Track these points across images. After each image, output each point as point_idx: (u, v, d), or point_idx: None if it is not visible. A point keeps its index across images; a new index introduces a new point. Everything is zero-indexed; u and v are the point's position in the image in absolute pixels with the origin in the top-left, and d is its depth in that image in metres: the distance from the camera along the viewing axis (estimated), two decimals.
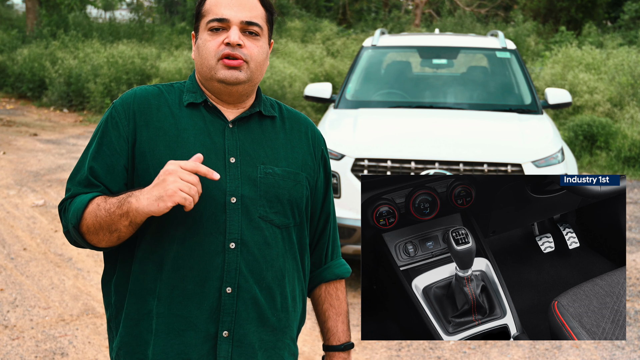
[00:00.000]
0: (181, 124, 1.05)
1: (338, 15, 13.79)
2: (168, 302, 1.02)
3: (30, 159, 5.70)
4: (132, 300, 1.04)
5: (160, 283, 1.02)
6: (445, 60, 4.47)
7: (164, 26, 12.22)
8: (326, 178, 1.16)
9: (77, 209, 1.01)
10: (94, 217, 0.99)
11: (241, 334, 1.04)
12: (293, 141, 1.11)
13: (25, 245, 3.64)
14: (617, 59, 8.02)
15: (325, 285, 1.18)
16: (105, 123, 1.06)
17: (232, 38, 1.03)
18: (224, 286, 1.02)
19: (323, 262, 1.18)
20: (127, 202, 0.97)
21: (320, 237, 1.17)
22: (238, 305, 1.03)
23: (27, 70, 8.91)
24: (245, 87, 1.06)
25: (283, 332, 1.09)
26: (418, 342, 2.69)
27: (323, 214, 1.16)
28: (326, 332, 1.18)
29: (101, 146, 1.05)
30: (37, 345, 2.57)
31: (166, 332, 1.02)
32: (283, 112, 1.14)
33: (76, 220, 1.01)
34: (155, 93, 1.08)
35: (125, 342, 1.05)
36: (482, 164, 3.04)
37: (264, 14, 1.08)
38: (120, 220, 0.97)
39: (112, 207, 0.98)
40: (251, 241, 1.04)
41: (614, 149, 6.00)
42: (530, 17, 12.42)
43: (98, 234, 1.00)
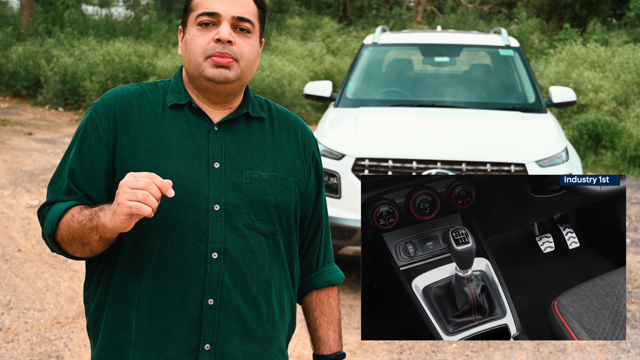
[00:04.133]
0: (164, 127, 1.01)
1: (338, 12, 13.73)
2: (148, 313, 0.99)
3: (25, 159, 5.62)
4: (112, 309, 1.01)
5: (140, 293, 0.99)
6: (448, 58, 4.45)
7: (161, 23, 12.01)
8: (317, 181, 1.12)
9: (53, 217, 0.99)
10: (67, 228, 0.97)
11: (223, 347, 1.00)
12: (282, 144, 1.07)
13: (20, 247, 3.58)
14: (622, 56, 7.97)
15: (317, 292, 1.14)
16: (85, 125, 1.03)
17: (222, 34, 0.98)
18: (206, 298, 0.99)
19: (314, 268, 1.14)
20: (97, 215, 0.94)
21: (312, 243, 1.13)
22: (220, 317, 1.00)
23: (21, 69, 8.75)
24: (233, 86, 1.02)
25: (269, 343, 1.05)
26: (420, 345, 2.66)
27: (314, 218, 1.12)
28: (317, 341, 1.14)
29: (81, 150, 1.01)
30: (32, 348, 2.53)
31: (145, 343, 0.99)
32: (272, 112, 1.10)
33: (51, 230, 0.98)
34: (138, 93, 1.04)
35: (104, 353, 1.02)
36: (485, 163, 3.01)
37: (256, 10, 1.04)
38: (90, 234, 0.94)
39: (84, 220, 0.95)
40: (235, 250, 1.00)
41: (619, 148, 5.96)
42: (533, 14, 12.37)
43: (72, 245, 0.97)
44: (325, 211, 1.15)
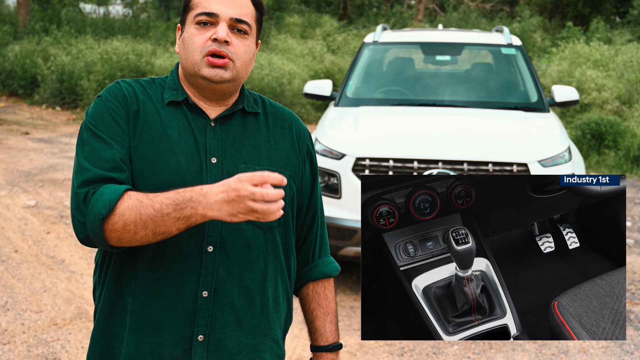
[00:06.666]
0: (165, 121, 1.03)
1: (339, 10, 13.70)
2: (142, 302, 1.01)
3: (21, 159, 5.60)
4: (108, 292, 1.03)
5: (136, 281, 1.01)
6: (449, 56, 4.43)
7: (159, 21, 11.97)
8: (312, 174, 1.14)
9: (110, 199, 0.93)
10: (136, 215, 0.92)
11: (217, 338, 1.02)
12: (276, 138, 1.09)
13: (17, 247, 3.56)
14: (625, 55, 7.94)
15: (313, 284, 1.16)
16: (107, 111, 1.01)
17: (219, 34, 1.00)
18: (200, 290, 1.00)
19: (310, 260, 1.16)
20: (188, 207, 0.91)
21: (307, 235, 1.15)
22: (214, 309, 1.01)
23: (18, 67, 8.70)
24: (229, 85, 1.04)
25: (264, 334, 1.07)
26: (421, 347, 2.65)
27: (310, 211, 1.14)
28: (314, 332, 1.16)
29: (109, 130, 0.99)
30: (29, 350, 2.52)
31: (139, 330, 1.01)
32: (267, 107, 1.12)
33: (107, 211, 0.92)
34: (139, 87, 1.06)
35: (99, 330, 1.04)
36: (487, 163, 2.99)
37: (254, 12, 1.05)
38: (176, 223, 0.92)
39: (165, 209, 0.91)
40: (231, 244, 1.02)
41: (622, 148, 5.93)
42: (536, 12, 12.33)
43: (137, 232, 0.93)
44: (320, 204, 1.17)
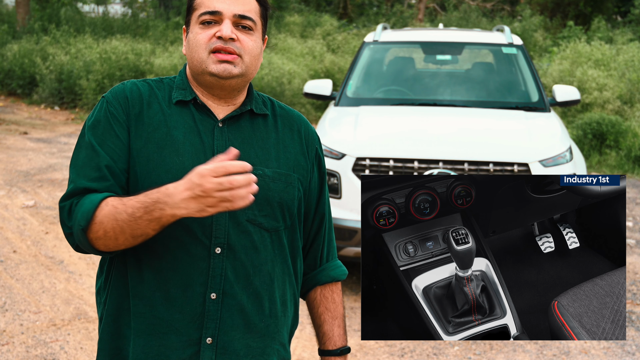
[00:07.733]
0: (171, 122, 1.03)
1: (339, 9, 13.67)
2: (150, 304, 1.00)
3: (20, 159, 5.59)
4: (115, 294, 1.03)
5: (143, 284, 1.01)
6: (450, 56, 4.43)
7: (158, 21, 11.96)
8: (320, 178, 1.14)
9: (88, 210, 0.95)
10: (113, 221, 0.93)
11: (225, 341, 1.02)
12: (285, 140, 1.08)
13: (15, 248, 3.55)
14: (627, 54, 7.93)
15: (321, 288, 1.16)
16: (103, 115, 1.01)
17: (224, 32, 0.99)
18: (209, 292, 1.00)
19: (318, 264, 1.16)
20: (156, 209, 0.90)
21: (315, 239, 1.15)
22: (223, 311, 1.01)
23: (17, 67, 8.68)
24: (238, 81, 1.03)
25: (272, 337, 1.06)
26: (421, 347, 2.64)
27: (317, 214, 1.14)
28: (322, 337, 1.16)
29: (105, 136, 0.99)
30: (28, 350, 2.51)
31: (147, 332, 1.01)
32: (276, 109, 1.11)
33: (86, 223, 0.95)
34: (146, 88, 1.05)
35: (106, 332, 1.04)
36: (488, 163, 2.99)
37: (258, 8, 1.05)
38: (149, 225, 0.92)
39: (136, 212, 0.92)
40: (238, 245, 1.01)
41: (624, 147, 5.91)
42: (537, 11, 12.31)
43: (117, 238, 0.94)
44: (328, 208, 1.16)
